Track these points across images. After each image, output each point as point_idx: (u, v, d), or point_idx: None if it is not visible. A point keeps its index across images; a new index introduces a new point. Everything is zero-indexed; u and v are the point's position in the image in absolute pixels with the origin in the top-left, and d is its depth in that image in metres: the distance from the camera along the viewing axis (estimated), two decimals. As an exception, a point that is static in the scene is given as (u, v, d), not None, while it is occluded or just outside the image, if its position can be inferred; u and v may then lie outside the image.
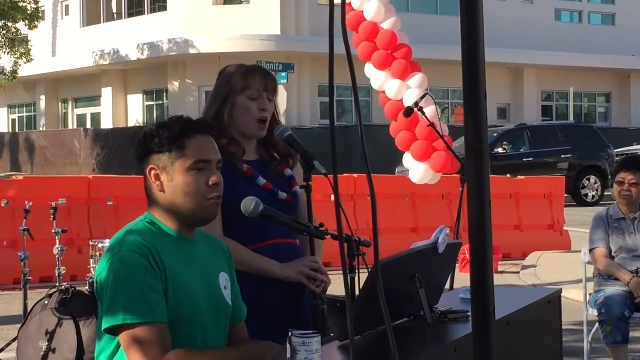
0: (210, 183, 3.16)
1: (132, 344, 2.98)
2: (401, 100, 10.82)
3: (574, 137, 26.22)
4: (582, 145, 25.99)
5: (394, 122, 10.61)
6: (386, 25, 11.18)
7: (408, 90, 10.77)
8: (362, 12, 11.21)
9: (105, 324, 3.02)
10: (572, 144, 25.89)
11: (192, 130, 3.19)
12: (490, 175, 2.35)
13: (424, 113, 8.35)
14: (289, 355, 2.82)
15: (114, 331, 3.02)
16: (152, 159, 3.17)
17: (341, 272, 2.68)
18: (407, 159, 11.22)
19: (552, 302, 4.41)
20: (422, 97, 8.49)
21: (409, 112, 8.49)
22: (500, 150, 25.05)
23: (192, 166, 3.15)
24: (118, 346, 3.05)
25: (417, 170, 11.18)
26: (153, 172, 3.17)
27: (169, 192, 3.16)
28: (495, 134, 25.71)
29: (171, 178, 3.15)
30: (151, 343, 2.97)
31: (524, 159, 25.10)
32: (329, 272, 4.00)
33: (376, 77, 11.30)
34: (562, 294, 4.65)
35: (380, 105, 11.61)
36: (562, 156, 25.60)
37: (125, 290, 2.99)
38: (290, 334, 2.85)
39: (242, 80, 3.94)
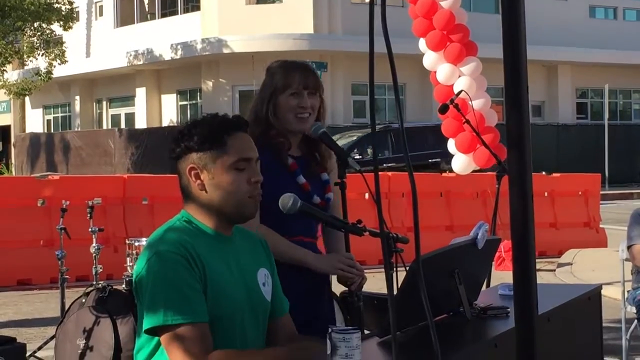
0: (253, 180, 3.14)
1: (174, 344, 2.96)
2: (451, 86, 10.71)
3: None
4: None
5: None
6: (445, 3, 10.94)
7: (459, 78, 10.65)
8: None
9: (146, 325, 3.00)
10: (443, 147, 24.81)
11: (231, 127, 3.16)
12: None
13: (459, 110, 8.30)
14: (329, 351, 2.82)
15: (155, 331, 3.01)
16: (191, 158, 3.13)
17: (375, 270, 2.68)
18: (451, 146, 11.13)
19: (592, 298, 4.38)
20: (458, 94, 8.43)
21: (444, 109, 8.45)
22: (356, 155, 22.62)
23: (234, 164, 3.12)
24: (157, 345, 3.04)
25: (459, 160, 11.10)
26: (193, 172, 3.13)
27: (210, 190, 3.13)
28: (355, 137, 23.82)
29: (212, 176, 3.12)
30: (193, 343, 2.95)
31: (385, 164, 22.02)
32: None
33: (429, 56, 11.13)
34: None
35: (431, 82, 11.45)
36: (430, 160, 23.29)
37: (165, 290, 2.98)
38: (330, 329, 2.84)
39: (283, 79, 3.95)
